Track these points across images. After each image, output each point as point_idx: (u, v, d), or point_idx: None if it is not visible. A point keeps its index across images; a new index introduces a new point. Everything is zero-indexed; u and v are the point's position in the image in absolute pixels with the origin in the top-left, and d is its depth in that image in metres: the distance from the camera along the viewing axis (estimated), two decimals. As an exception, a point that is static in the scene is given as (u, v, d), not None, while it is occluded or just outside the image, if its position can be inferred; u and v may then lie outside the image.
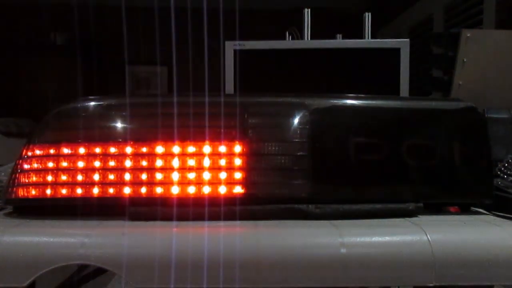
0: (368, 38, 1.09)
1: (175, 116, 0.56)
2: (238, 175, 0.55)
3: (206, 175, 0.55)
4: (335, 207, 0.55)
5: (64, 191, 0.55)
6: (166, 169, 0.55)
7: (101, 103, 0.58)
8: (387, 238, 0.48)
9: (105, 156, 0.55)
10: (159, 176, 0.55)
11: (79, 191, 0.55)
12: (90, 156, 0.55)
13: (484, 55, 0.99)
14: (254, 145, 0.56)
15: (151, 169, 0.55)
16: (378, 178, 0.58)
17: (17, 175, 0.56)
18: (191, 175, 0.55)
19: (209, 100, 0.57)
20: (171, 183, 0.55)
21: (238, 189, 0.55)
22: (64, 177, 0.55)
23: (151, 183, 0.55)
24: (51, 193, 0.55)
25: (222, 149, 0.55)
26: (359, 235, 0.49)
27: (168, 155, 0.55)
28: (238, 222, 0.53)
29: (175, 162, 0.55)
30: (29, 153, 0.56)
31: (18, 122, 3.01)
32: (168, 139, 0.55)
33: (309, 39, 1.12)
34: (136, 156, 0.55)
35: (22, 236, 0.48)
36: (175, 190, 0.55)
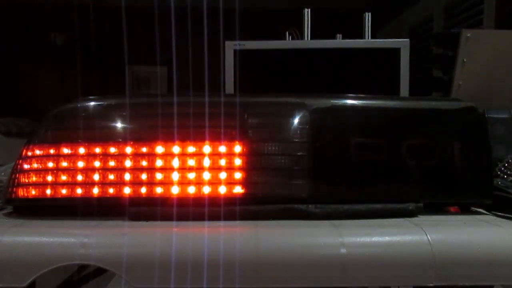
0: (368, 38, 1.09)
1: (175, 116, 0.56)
2: (238, 175, 0.55)
3: (206, 175, 0.55)
4: (335, 207, 0.55)
5: (64, 191, 0.55)
6: (166, 169, 0.55)
7: (101, 103, 0.58)
8: (387, 238, 0.48)
9: (105, 156, 0.55)
10: (159, 176, 0.55)
11: (79, 191, 0.55)
12: (90, 156, 0.55)
13: (484, 55, 0.99)
14: (254, 145, 0.56)
15: (151, 169, 0.55)
16: (378, 178, 0.58)
17: (17, 175, 0.56)
18: (191, 175, 0.55)
19: (209, 100, 0.57)
20: (171, 183, 0.55)
21: (238, 189, 0.55)
22: (64, 177, 0.55)
23: (151, 183, 0.55)
24: (51, 193, 0.55)
25: (222, 149, 0.55)
26: (359, 235, 0.49)
27: (168, 155, 0.55)
28: (238, 222, 0.53)
29: (175, 162, 0.55)
30: (29, 153, 0.56)
31: (18, 122, 3.01)
32: (168, 139, 0.55)
33: (309, 39, 1.12)
34: (136, 156, 0.55)
35: (22, 236, 0.48)
36: (175, 190, 0.55)
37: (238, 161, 0.55)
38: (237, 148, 0.56)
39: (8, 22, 3.95)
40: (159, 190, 0.55)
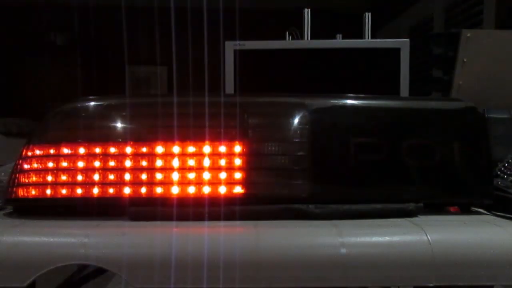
0: (368, 38, 1.09)
1: (175, 116, 0.56)
2: (238, 175, 0.55)
3: (206, 175, 0.55)
4: (335, 207, 0.55)
5: (64, 191, 0.55)
6: (166, 169, 0.55)
7: (101, 103, 0.58)
8: (387, 238, 0.48)
9: (105, 156, 0.55)
10: (159, 176, 0.55)
11: (79, 191, 0.55)
12: (90, 156, 0.55)
13: (484, 55, 0.99)
14: (254, 145, 0.56)
15: (151, 169, 0.55)
16: (378, 178, 0.58)
17: (17, 175, 0.56)
18: (191, 175, 0.55)
19: (209, 100, 0.57)
20: (171, 183, 0.55)
21: (238, 189, 0.55)
22: (64, 177, 0.55)
23: (151, 183, 0.55)
24: (51, 193, 0.55)
25: (222, 149, 0.55)
26: (359, 235, 0.49)
27: (168, 155, 0.55)
28: (238, 222, 0.53)
29: (175, 162, 0.55)
30: (29, 153, 0.56)
31: (18, 122, 3.02)
32: (168, 139, 0.55)
33: (309, 39, 1.12)
34: (136, 156, 0.55)
35: (22, 236, 0.48)
36: (175, 190, 0.55)
37: (238, 161, 0.55)
38: (237, 148, 0.56)
39: (8, 22, 3.95)
40: (159, 190, 0.55)
